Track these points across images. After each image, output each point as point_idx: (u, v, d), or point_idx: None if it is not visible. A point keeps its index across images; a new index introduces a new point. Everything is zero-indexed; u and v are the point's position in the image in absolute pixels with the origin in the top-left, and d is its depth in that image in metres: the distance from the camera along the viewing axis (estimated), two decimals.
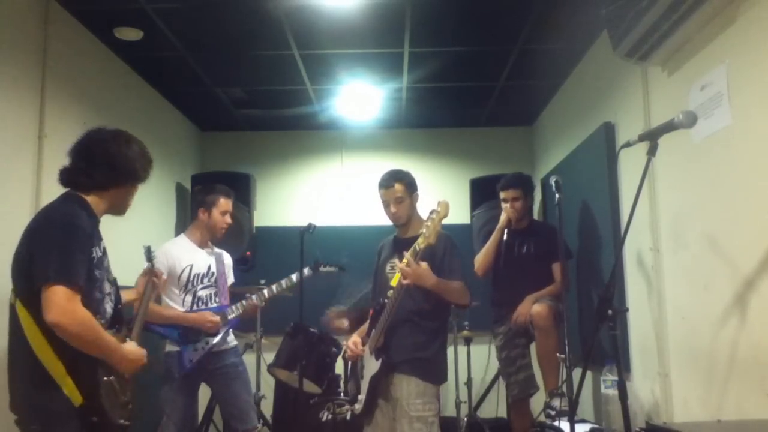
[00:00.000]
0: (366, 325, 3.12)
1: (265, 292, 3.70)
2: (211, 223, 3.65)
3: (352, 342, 3.04)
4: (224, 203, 3.66)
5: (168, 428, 3.36)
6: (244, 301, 3.68)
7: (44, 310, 1.96)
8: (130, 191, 2.35)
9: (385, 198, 3.10)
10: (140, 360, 2.26)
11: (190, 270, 3.54)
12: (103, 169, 2.22)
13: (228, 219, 3.70)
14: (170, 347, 3.51)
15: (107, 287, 2.22)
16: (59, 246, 2.03)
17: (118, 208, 2.35)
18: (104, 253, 2.22)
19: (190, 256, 3.58)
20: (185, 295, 3.53)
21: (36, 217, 2.18)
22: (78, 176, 2.22)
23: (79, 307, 2.02)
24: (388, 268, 3.10)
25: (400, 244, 3.07)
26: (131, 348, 2.24)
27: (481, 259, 4.10)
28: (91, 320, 2.06)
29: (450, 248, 3.00)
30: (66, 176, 2.24)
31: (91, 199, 2.20)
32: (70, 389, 2.03)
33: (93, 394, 2.08)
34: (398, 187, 3.07)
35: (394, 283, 2.81)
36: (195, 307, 3.55)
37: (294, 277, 3.81)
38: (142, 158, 2.32)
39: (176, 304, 3.52)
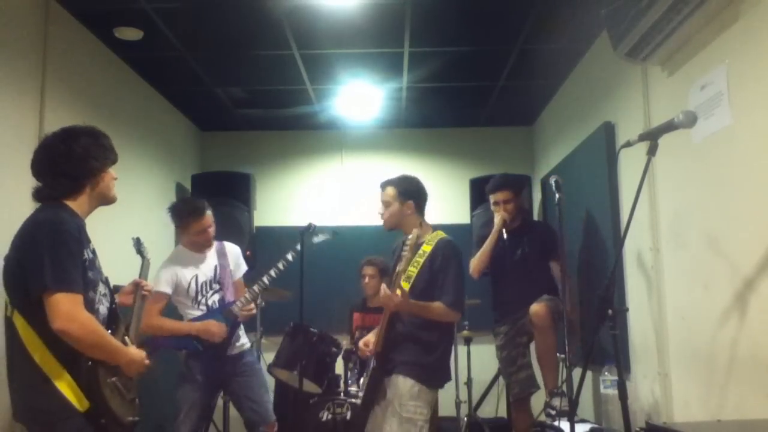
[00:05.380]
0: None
1: (265, 279, 3.50)
2: (192, 242, 3.51)
3: (364, 342, 3.04)
4: (196, 225, 3.42)
5: (184, 425, 3.35)
6: (248, 295, 3.52)
7: (50, 319, 1.96)
8: (103, 181, 2.24)
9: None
10: (143, 362, 2.29)
11: (196, 280, 3.46)
12: (62, 176, 2.15)
13: (207, 234, 3.47)
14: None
15: (101, 288, 2.22)
16: (50, 253, 2.00)
17: (104, 199, 2.26)
18: (94, 254, 2.20)
19: (193, 266, 3.49)
20: (197, 305, 3.47)
21: (22, 226, 2.13)
22: (46, 191, 2.17)
23: (84, 311, 2.03)
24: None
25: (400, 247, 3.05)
26: (135, 350, 2.28)
27: (476, 262, 4.10)
28: (97, 324, 2.08)
29: (447, 262, 2.91)
30: (38, 195, 2.19)
31: (70, 203, 2.17)
32: (74, 394, 2.03)
33: (98, 397, 2.09)
34: (388, 191, 3.04)
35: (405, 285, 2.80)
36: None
37: (289, 256, 3.58)
38: (95, 148, 2.20)
39: (193, 316, 3.46)
